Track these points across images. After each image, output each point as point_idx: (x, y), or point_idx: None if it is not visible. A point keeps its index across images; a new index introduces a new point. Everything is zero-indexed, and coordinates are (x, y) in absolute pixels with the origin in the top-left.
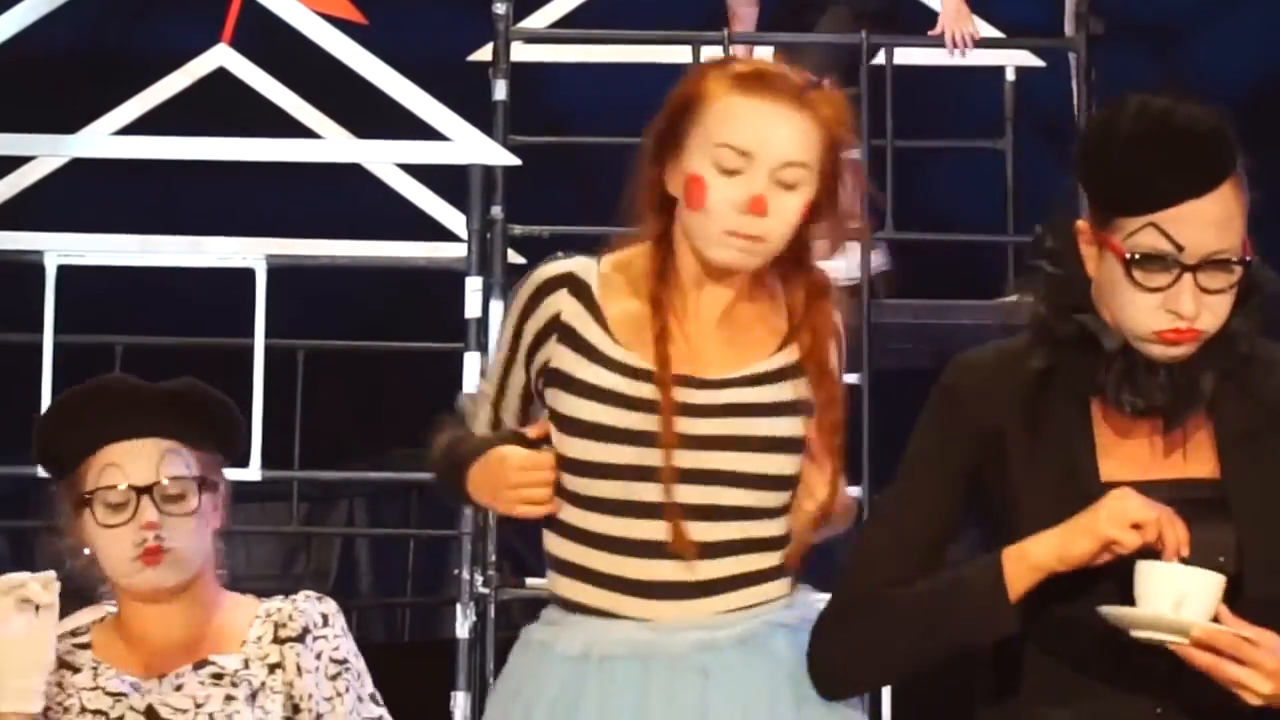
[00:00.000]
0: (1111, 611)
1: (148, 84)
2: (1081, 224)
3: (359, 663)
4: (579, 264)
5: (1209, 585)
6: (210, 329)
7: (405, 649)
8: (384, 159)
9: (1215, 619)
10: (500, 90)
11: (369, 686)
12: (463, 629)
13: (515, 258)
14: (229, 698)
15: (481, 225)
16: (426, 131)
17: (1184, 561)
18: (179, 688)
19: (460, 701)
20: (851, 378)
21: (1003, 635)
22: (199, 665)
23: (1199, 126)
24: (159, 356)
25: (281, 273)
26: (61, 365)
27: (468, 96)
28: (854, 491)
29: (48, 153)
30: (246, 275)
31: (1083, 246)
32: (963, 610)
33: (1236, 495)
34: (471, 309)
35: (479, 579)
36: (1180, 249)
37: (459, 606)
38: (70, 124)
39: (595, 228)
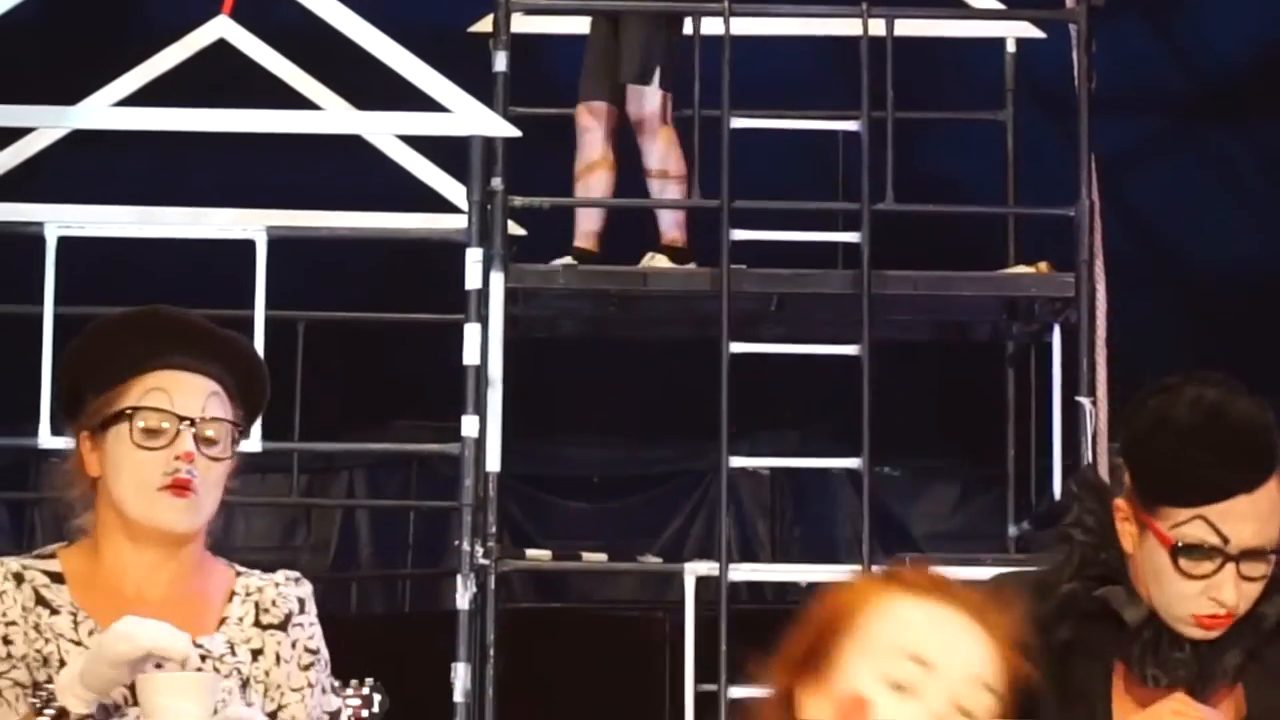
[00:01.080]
0: None
1: (148, 56)
2: (1120, 502)
3: (325, 651)
4: None
5: None
6: (210, 300)
7: (406, 620)
8: (384, 130)
9: None
10: (500, 62)
11: (330, 675)
12: (463, 600)
13: (515, 229)
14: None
15: (482, 196)
16: (427, 103)
17: None
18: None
19: (461, 672)
20: (851, 349)
21: None
22: None
23: (1252, 424)
24: None
25: (282, 244)
26: (62, 337)
27: (468, 68)
28: (853, 463)
29: (48, 124)
30: (247, 246)
31: (1120, 523)
32: None
33: None
34: (472, 280)
35: (479, 550)
36: (1226, 541)
37: (459, 578)
38: (71, 96)
39: (594, 200)
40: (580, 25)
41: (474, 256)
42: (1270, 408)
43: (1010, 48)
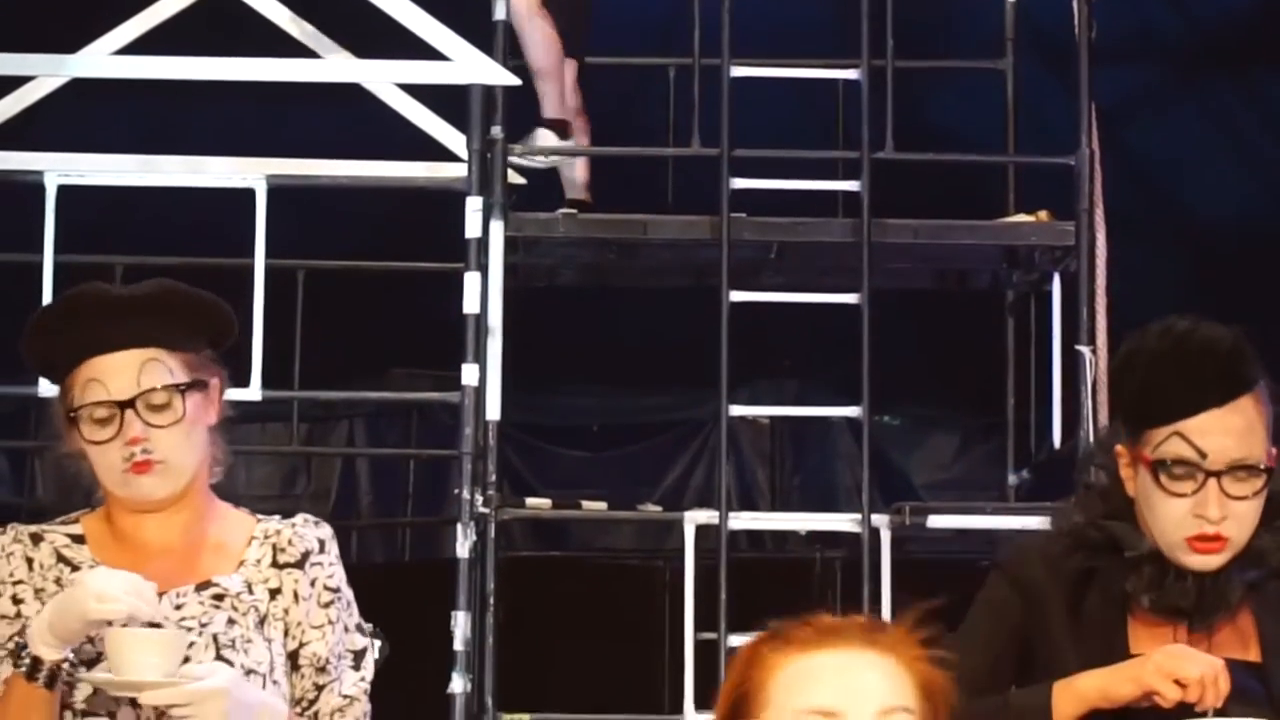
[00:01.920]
0: None
1: (148, 3)
2: (1120, 448)
3: (349, 592)
4: None
5: None
6: (210, 249)
7: (405, 569)
8: (384, 79)
9: None
10: (500, 10)
11: (356, 616)
12: (463, 549)
13: (515, 178)
14: (231, 620)
15: (482, 145)
16: (427, 51)
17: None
18: (179, 607)
19: (461, 621)
20: (851, 297)
21: None
22: (201, 586)
23: (1218, 344)
24: (159, 276)
25: (282, 193)
26: (62, 285)
27: (468, 16)
28: (853, 411)
29: (48, 73)
30: (247, 195)
31: (1122, 470)
32: None
33: (1276, 673)
34: (472, 229)
35: (479, 499)
36: (1204, 455)
37: (459, 526)
38: (70, 44)
39: (595, 148)
40: None
41: (474, 205)
42: (1245, 339)
43: None
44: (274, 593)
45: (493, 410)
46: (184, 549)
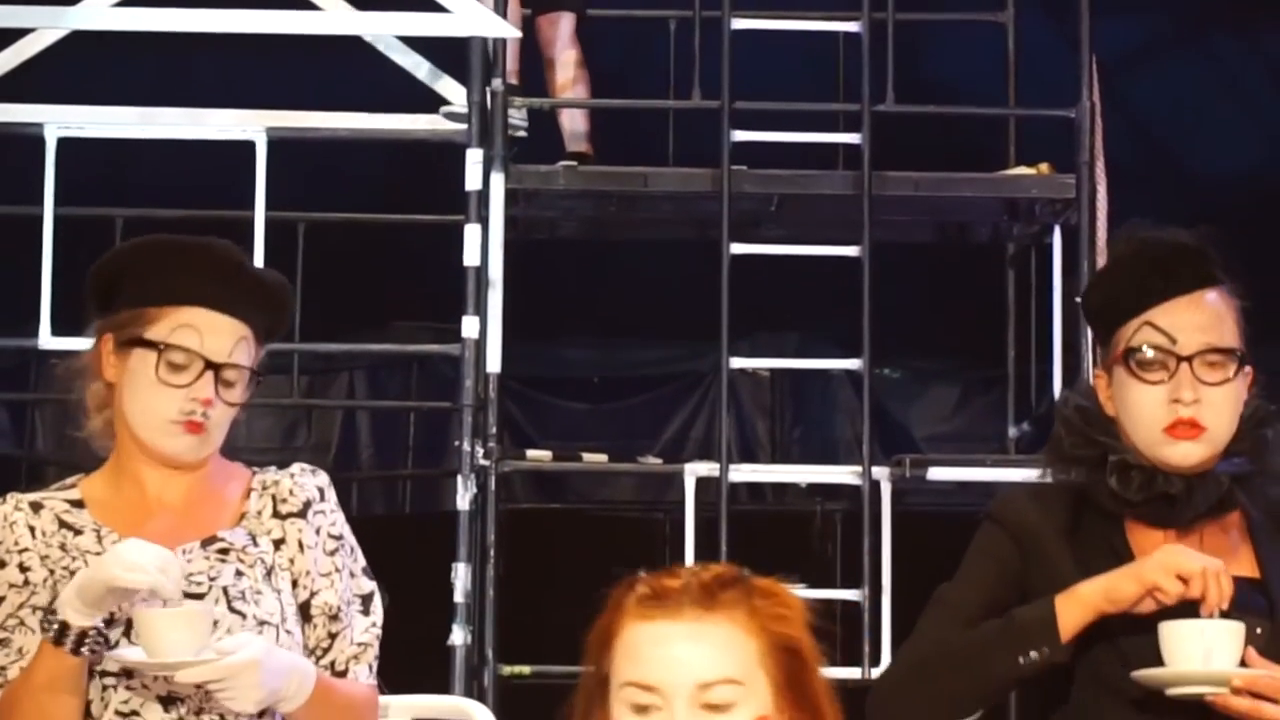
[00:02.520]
0: (1148, 674)
1: None
2: (1098, 373)
3: (351, 537)
4: None
5: (1233, 633)
6: (211, 202)
7: (406, 521)
8: (384, 31)
9: (1243, 663)
10: None
11: (361, 560)
12: (463, 501)
13: (516, 124)
14: (239, 573)
15: (482, 97)
16: (427, 3)
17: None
18: (187, 563)
19: (461, 573)
20: (851, 250)
21: (1051, 663)
22: (206, 542)
23: (1181, 240)
24: (159, 229)
25: (282, 145)
26: (62, 238)
27: None
28: (853, 364)
29: (48, 25)
30: (247, 148)
31: (1101, 393)
32: (1016, 639)
33: (1276, 585)
34: (472, 181)
35: (479, 451)
36: (1174, 341)
37: (459, 479)
38: None
39: (595, 100)
40: None
41: (474, 158)
42: (1211, 242)
43: None
44: (278, 543)
45: (493, 362)
46: (186, 506)
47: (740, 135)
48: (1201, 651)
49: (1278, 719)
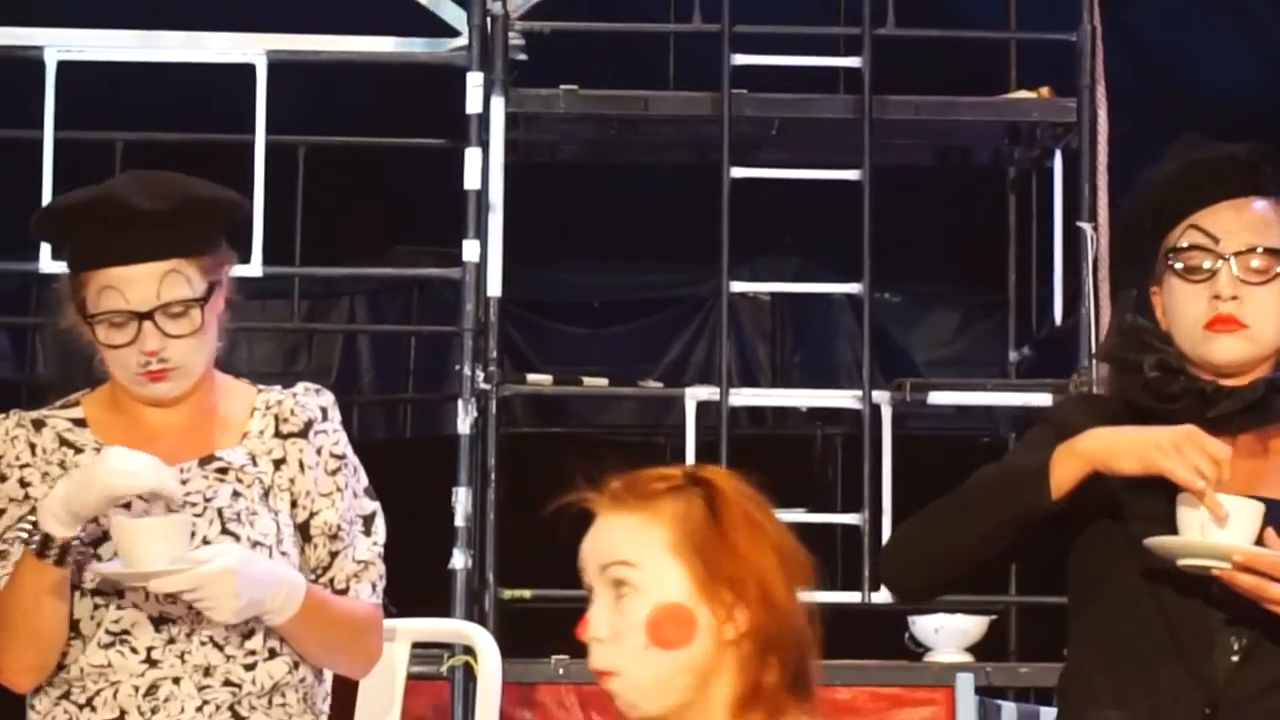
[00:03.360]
0: (1157, 541)
1: None
2: (1154, 289)
3: (354, 457)
4: None
5: (1249, 511)
6: (211, 125)
7: (407, 445)
8: None
9: (1261, 544)
10: None
11: (364, 481)
12: (464, 425)
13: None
14: (236, 494)
15: (482, 21)
16: None
17: None
18: (184, 483)
19: (462, 497)
20: (852, 174)
21: (1038, 509)
22: (204, 461)
23: (1234, 149)
24: (159, 153)
25: (282, 69)
26: (62, 162)
27: None
28: (854, 288)
29: None
30: (247, 71)
31: (1157, 309)
32: (1007, 484)
33: None
34: (472, 105)
35: (480, 375)
36: (1216, 241)
37: (460, 403)
38: None
39: (596, 23)
40: None
41: (474, 81)
42: (1269, 154)
43: None
44: (278, 463)
45: (494, 286)
46: (188, 426)
47: (741, 59)
48: (1213, 525)
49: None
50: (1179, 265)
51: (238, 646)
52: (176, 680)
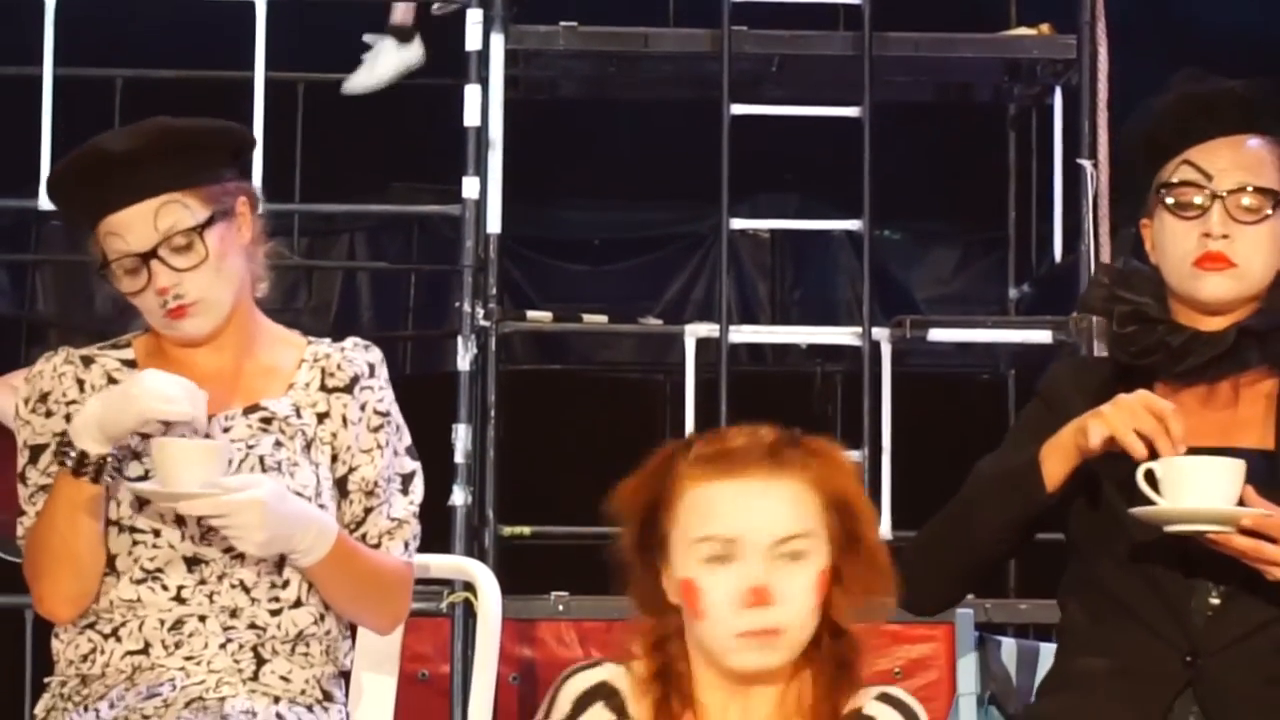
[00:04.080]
0: (1147, 511)
1: None
2: (1143, 222)
3: (398, 415)
4: (611, 672)
5: (1235, 471)
6: (210, 62)
7: (406, 382)
8: None
9: (1241, 501)
10: None
11: (406, 439)
12: (464, 362)
13: None
14: (278, 444)
15: None
16: None
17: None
18: (227, 429)
19: (461, 433)
20: (851, 110)
21: (1037, 504)
22: (249, 410)
23: (1231, 85)
24: (159, 90)
25: (282, 6)
26: (62, 99)
27: None
28: (854, 225)
29: None
30: (246, 8)
31: (1146, 243)
32: (1003, 487)
33: None
34: (472, 42)
35: (480, 312)
36: (1210, 177)
37: (460, 339)
38: None
39: None
40: None
41: (474, 18)
42: (1268, 91)
43: None
44: (321, 417)
45: (493, 224)
46: (234, 373)
47: None
48: (1201, 488)
49: (1276, 558)
50: (1170, 200)
51: (265, 591)
52: (202, 619)
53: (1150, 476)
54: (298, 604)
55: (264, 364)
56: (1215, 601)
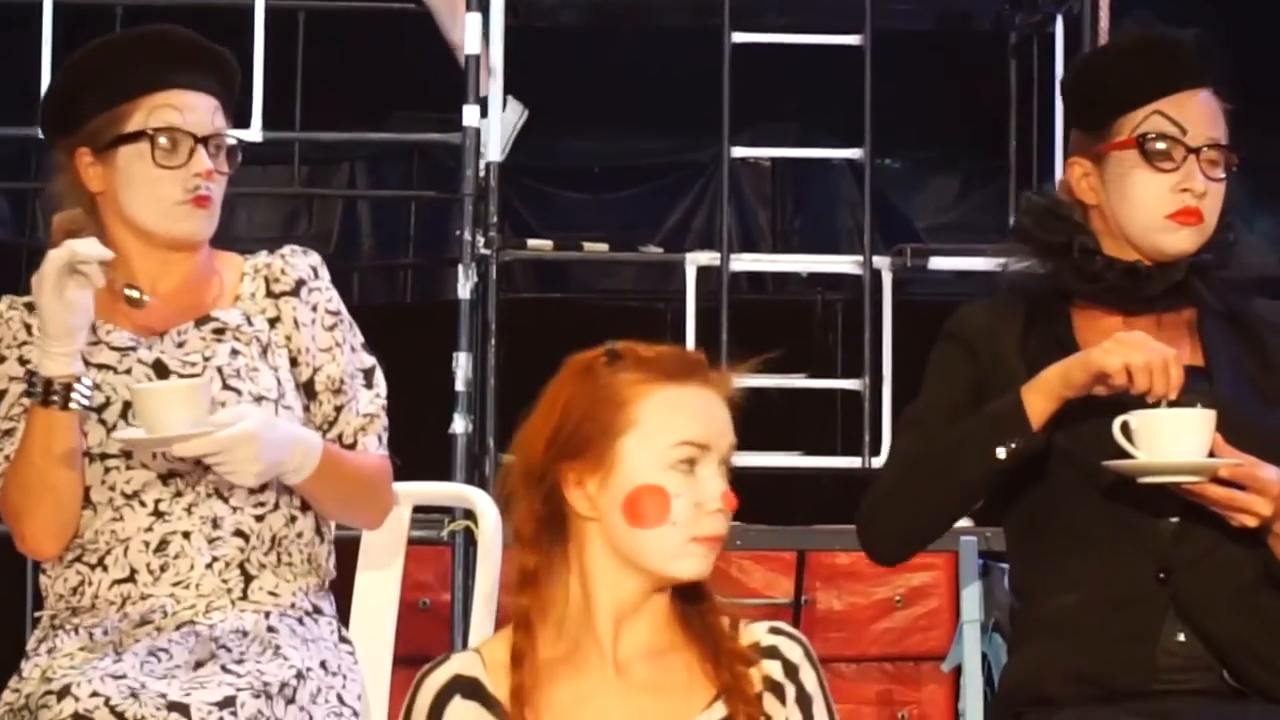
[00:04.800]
0: (1125, 465)
1: None
2: (1073, 160)
3: (347, 313)
4: (462, 662)
5: (1206, 421)
6: None
7: (407, 310)
8: None
9: (1211, 452)
10: None
11: (359, 335)
12: (464, 290)
13: None
14: (234, 351)
15: None
16: None
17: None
18: (181, 344)
19: (462, 361)
20: (853, 39)
21: (1023, 449)
22: (200, 321)
23: (1184, 37)
24: (159, 17)
25: None
26: (61, 26)
27: None
28: (855, 154)
29: None
30: None
31: (1076, 180)
32: (989, 433)
33: (1219, 376)
34: None
35: (480, 240)
36: (1184, 131)
37: (460, 268)
38: None
39: None
40: None
41: None
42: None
43: None
44: (273, 321)
45: (494, 152)
46: (182, 290)
47: None
48: (1176, 440)
49: (1250, 506)
50: (1149, 150)
51: (244, 498)
52: (186, 535)
53: (1125, 429)
54: (276, 508)
55: (207, 279)
56: (1175, 520)
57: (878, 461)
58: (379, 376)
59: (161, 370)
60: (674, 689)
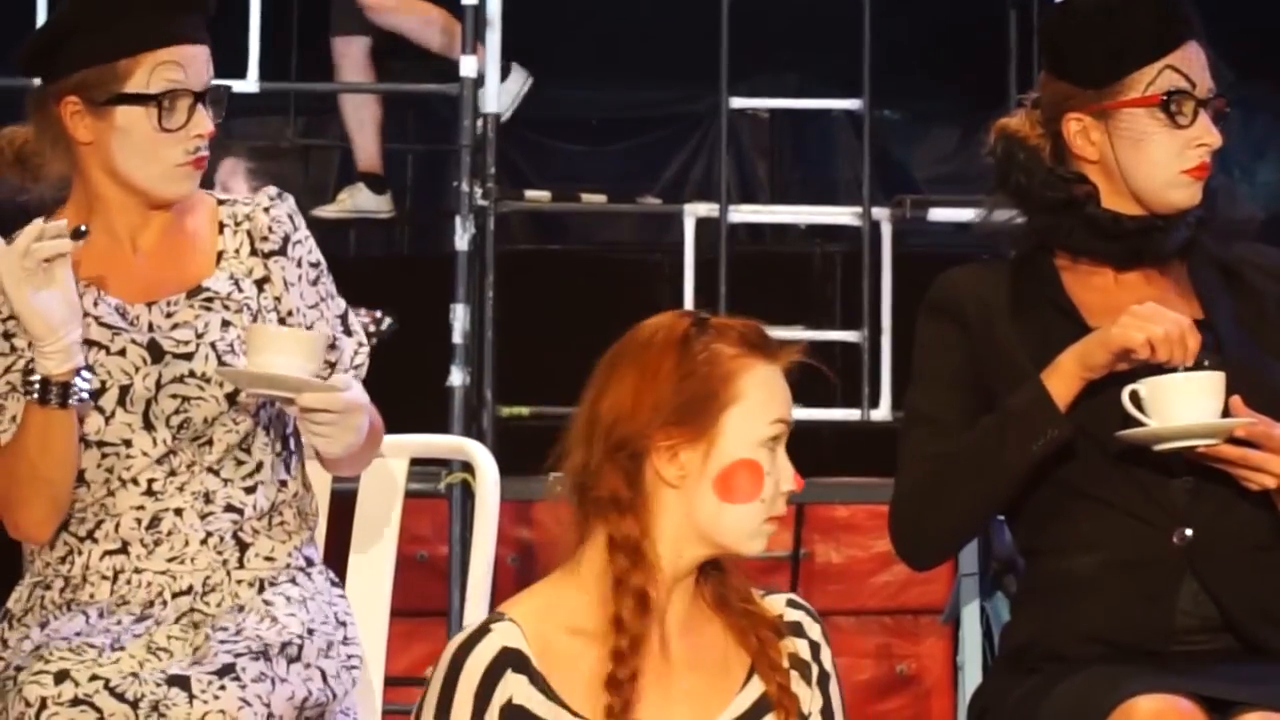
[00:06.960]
0: (1138, 433)
1: None
2: (1072, 116)
3: (323, 258)
4: (505, 632)
5: (1217, 384)
6: None
7: (404, 262)
8: None
9: (1226, 412)
10: None
11: (332, 279)
12: (462, 242)
13: None
14: (225, 323)
15: None
16: None
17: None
18: (170, 315)
19: (460, 313)
20: None
21: (1058, 438)
22: (192, 293)
23: None
24: None
25: None
26: None
27: None
28: (853, 104)
29: None
30: None
31: (1075, 139)
32: (1021, 430)
33: (1224, 331)
34: None
35: (478, 192)
36: (1194, 85)
37: (458, 219)
38: None
39: None
40: None
41: None
42: None
43: None
44: (261, 283)
45: (491, 103)
46: (163, 251)
47: None
48: (1188, 404)
49: (1265, 464)
50: (1171, 108)
51: (234, 471)
52: (179, 512)
53: (1135, 398)
54: (266, 478)
55: (185, 234)
56: (1189, 480)
57: (876, 414)
58: (353, 319)
59: (157, 352)
60: (710, 667)
